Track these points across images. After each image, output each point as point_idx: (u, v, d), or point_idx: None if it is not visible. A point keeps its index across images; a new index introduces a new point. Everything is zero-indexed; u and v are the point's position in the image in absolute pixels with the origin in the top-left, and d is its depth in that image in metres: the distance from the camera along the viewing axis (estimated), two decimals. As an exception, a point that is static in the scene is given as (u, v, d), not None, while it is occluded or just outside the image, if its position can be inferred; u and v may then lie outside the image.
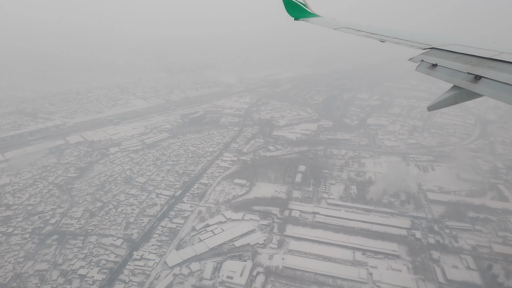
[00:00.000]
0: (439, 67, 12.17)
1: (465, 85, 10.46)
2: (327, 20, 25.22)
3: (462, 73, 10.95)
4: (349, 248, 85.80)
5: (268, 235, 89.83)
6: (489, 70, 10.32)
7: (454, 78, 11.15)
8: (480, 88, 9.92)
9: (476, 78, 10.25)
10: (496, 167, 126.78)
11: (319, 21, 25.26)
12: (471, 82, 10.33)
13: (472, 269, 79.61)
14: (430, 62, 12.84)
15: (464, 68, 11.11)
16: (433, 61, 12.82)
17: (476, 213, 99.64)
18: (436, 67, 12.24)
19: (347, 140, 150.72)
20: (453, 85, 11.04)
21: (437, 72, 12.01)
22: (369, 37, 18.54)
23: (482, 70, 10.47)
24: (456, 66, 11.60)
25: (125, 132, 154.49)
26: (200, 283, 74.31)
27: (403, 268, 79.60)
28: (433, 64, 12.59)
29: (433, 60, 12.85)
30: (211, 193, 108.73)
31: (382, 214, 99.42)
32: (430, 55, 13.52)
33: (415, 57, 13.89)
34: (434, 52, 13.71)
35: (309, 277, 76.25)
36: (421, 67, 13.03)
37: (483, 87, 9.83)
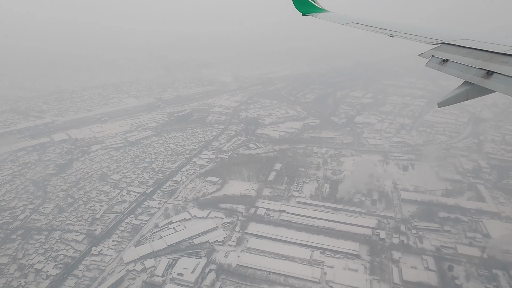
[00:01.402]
0: (449, 62, 11.92)
1: (476, 81, 10.20)
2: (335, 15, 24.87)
3: (474, 69, 10.68)
4: (309, 247, 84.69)
5: (230, 233, 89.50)
6: (502, 65, 10.05)
7: (465, 74, 10.90)
8: (492, 83, 9.67)
9: (488, 74, 9.99)
10: (479, 167, 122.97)
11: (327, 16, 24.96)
12: (483, 77, 10.06)
13: (431, 270, 77.49)
14: (441, 57, 12.57)
15: (475, 64, 10.87)
16: (443, 56, 12.55)
17: (448, 214, 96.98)
18: (447, 62, 12.00)
19: (330, 139, 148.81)
20: (464, 80, 10.81)
21: (448, 67, 11.80)
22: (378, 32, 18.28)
23: (494, 66, 10.21)
24: (467, 62, 11.34)
25: (110, 130, 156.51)
26: (151, 279, 74.65)
27: (360, 268, 78.12)
28: (443, 59, 12.32)
29: (443, 56, 12.59)
30: (181, 191, 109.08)
31: (350, 213, 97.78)
32: (440, 50, 13.22)
33: (425, 53, 13.57)
34: (445, 47, 13.40)
35: (261, 275, 75.63)
36: (431, 62, 12.75)
37: (495, 82, 9.59)
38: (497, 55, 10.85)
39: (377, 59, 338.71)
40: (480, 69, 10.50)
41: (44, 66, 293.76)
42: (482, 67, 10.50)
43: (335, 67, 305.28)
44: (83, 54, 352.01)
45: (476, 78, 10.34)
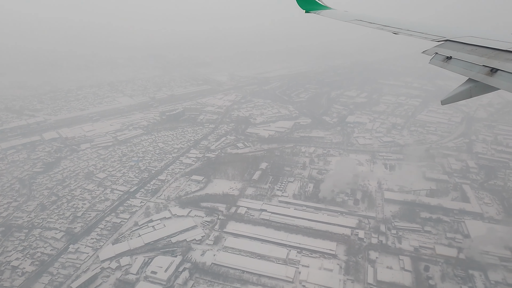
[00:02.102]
0: (453, 59, 11.89)
1: (480, 78, 10.16)
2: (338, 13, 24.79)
3: (478, 66, 10.64)
4: (286, 246, 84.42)
5: (208, 232, 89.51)
6: (506, 62, 10.01)
7: (469, 71, 10.83)
8: (496, 81, 9.66)
9: (492, 71, 9.97)
10: (467, 167, 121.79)
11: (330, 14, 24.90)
12: (487, 75, 10.04)
13: (407, 270, 76.86)
14: (445, 54, 12.55)
15: (479, 61, 10.83)
16: (447, 53, 12.53)
17: (430, 214, 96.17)
18: (451, 59, 11.98)
19: (320, 138, 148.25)
20: (468, 78, 10.75)
21: (452, 65, 11.77)
22: (382, 29, 18.31)
23: (498, 63, 10.17)
24: (471, 59, 11.29)
25: (101, 129, 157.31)
26: (125, 277, 74.87)
27: (335, 268, 77.67)
28: (447, 56, 12.29)
29: (447, 53, 12.56)
30: (165, 190, 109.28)
31: (332, 213, 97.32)
32: (444, 48, 13.24)
33: (429, 50, 13.64)
34: (449, 45, 13.37)
35: (234, 274, 75.53)
36: (435, 59, 12.74)
37: (500, 80, 9.56)
38: (502, 52, 10.78)
39: (376, 59, 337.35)
40: (484, 67, 10.44)
41: (43, 65, 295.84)
42: (486, 65, 10.44)
43: (333, 66, 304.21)
44: (82, 53, 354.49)
45: (480, 76, 10.28)
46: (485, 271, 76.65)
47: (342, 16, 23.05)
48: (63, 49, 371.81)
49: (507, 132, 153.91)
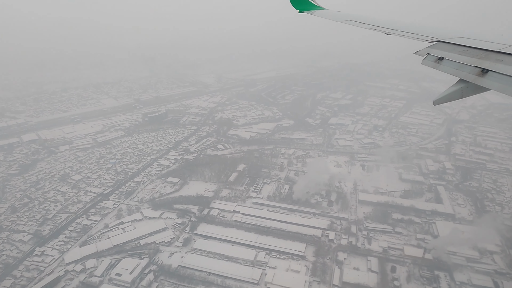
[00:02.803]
0: (445, 60, 12.03)
1: (471, 79, 10.26)
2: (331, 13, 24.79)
3: (469, 67, 10.75)
4: (255, 248, 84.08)
5: (179, 234, 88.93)
6: (497, 63, 10.11)
7: (460, 72, 10.94)
8: (487, 81, 9.73)
9: (483, 72, 10.06)
10: (444, 168, 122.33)
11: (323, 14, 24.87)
12: (478, 75, 10.13)
13: (374, 271, 76.78)
14: (436, 55, 12.70)
15: (470, 62, 10.95)
16: (439, 54, 12.67)
17: (402, 215, 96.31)
18: (442, 60, 12.12)
19: (301, 140, 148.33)
20: (459, 78, 10.86)
21: (443, 65, 11.89)
22: (375, 30, 18.23)
23: (489, 64, 10.29)
24: (462, 60, 11.42)
25: (81, 131, 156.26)
26: (89, 279, 74.06)
27: (302, 270, 77.40)
28: (439, 57, 12.42)
29: (439, 54, 12.70)
30: (140, 192, 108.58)
31: (304, 214, 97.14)
32: (436, 48, 13.38)
33: (421, 51, 13.72)
34: (440, 45, 13.53)
35: (199, 276, 75.01)
36: (427, 60, 12.84)
37: (490, 80, 9.63)
38: (492, 53, 10.90)
39: (365, 61, 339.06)
40: (475, 67, 10.54)
41: (31, 66, 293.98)
42: (477, 65, 10.55)
43: (321, 68, 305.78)
44: (71, 53, 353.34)
45: (471, 76, 10.37)
46: (451, 271, 76.76)
47: (335, 17, 23.21)
48: (52, 49, 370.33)
49: (487, 134, 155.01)
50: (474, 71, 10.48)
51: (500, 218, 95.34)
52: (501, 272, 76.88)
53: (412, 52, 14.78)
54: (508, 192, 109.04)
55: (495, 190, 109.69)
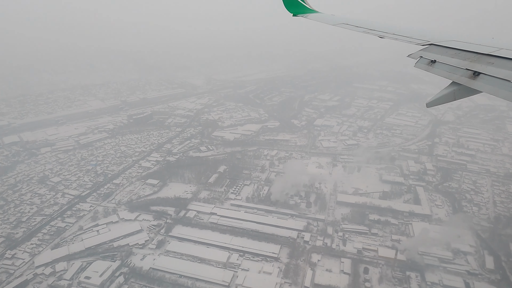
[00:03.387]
0: (437, 63, 12.17)
1: (463, 82, 10.39)
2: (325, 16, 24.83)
3: (461, 69, 10.91)
4: (229, 249, 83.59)
5: (153, 236, 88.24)
6: (488, 66, 10.30)
7: (452, 74, 11.09)
8: (479, 84, 9.85)
9: (475, 74, 10.20)
10: (425, 169, 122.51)
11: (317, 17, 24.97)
12: (470, 78, 10.27)
13: (346, 273, 76.52)
14: (429, 58, 12.84)
15: (462, 64, 11.13)
16: (431, 57, 12.81)
17: (379, 216, 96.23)
18: (435, 63, 12.24)
19: (285, 141, 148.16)
20: (452, 81, 10.97)
21: (436, 68, 12.01)
22: (368, 33, 18.31)
23: (480, 66, 10.45)
24: (454, 62, 11.62)
25: (65, 133, 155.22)
26: (57, 283, 73.18)
27: (274, 271, 76.97)
28: (431, 60, 12.55)
29: (431, 57, 12.86)
30: (118, 193, 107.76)
31: (282, 216, 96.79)
32: (428, 51, 13.52)
33: (413, 54, 13.80)
34: (433, 48, 13.71)
35: (170, 278, 74.35)
36: (420, 63, 12.96)
37: (482, 83, 9.77)
38: (484, 56, 11.08)
39: (356, 63, 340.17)
40: (467, 70, 10.69)
41: (20, 68, 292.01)
42: (469, 68, 10.70)
43: (312, 70, 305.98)
44: (63, 55, 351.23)
45: (463, 79, 10.49)
46: (422, 272, 76.65)
47: (328, 20, 23.31)
48: (43, 50, 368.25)
49: (471, 135, 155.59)
50: (466, 73, 10.62)
51: (477, 219, 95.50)
52: (473, 273, 76.90)
53: (405, 54, 15.02)
54: (487, 193, 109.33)
55: (474, 191, 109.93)
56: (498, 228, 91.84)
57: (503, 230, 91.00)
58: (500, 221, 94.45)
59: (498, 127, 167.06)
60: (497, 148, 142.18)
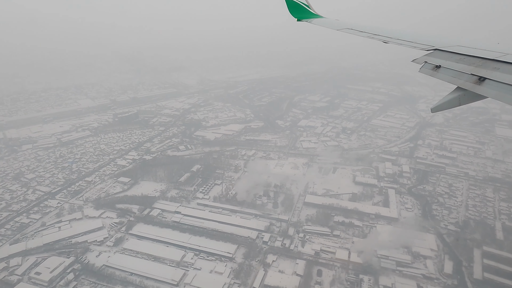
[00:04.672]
0: (442, 68, 12.20)
1: (468, 87, 10.37)
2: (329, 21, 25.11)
3: (466, 75, 10.92)
4: (186, 248, 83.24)
5: (114, 233, 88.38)
6: (493, 71, 10.28)
7: (457, 80, 11.10)
8: (484, 89, 9.83)
9: (480, 80, 10.18)
10: (401, 171, 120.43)
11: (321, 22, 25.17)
12: (475, 83, 10.24)
13: (298, 274, 75.38)
14: (434, 63, 12.88)
15: (467, 70, 11.12)
16: (436, 62, 12.84)
17: (345, 218, 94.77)
18: (440, 68, 12.28)
19: (265, 141, 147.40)
20: (456, 86, 10.99)
21: (441, 73, 12.03)
22: (372, 38, 18.45)
23: (486, 72, 10.44)
24: (459, 68, 11.60)
25: (49, 130, 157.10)
26: (8, 278, 73.67)
27: (226, 271, 76.30)
28: (436, 65, 12.59)
29: (436, 62, 12.89)
30: (88, 191, 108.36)
31: (246, 216, 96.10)
32: (433, 57, 13.57)
33: (418, 59, 13.86)
34: (438, 54, 13.74)
35: (119, 276, 74.29)
36: (425, 68, 12.99)
37: (487, 88, 9.76)
38: (489, 61, 11.02)
39: (355, 64, 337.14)
40: (472, 75, 10.65)
41: (19, 66, 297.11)
42: (474, 73, 10.65)
43: (307, 71, 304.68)
44: (61, 53, 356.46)
45: (468, 84, 10.45)
46: (377, 275, 75.11)
47: (333, 25, 23.38)
48: (44, 48, 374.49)
49: (456, 137, 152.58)
50: (471, 79, 10.53)
51: (445, 223, 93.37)
52: (429, 277, 75.10)
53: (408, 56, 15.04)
54: (461, 196, 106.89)
55: (448, 194, 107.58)
56: (465, 232, 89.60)
57: (470, 235, 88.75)
58: (468, 225, 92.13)
59: (486, 130, 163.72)
60: (481, 151, 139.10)
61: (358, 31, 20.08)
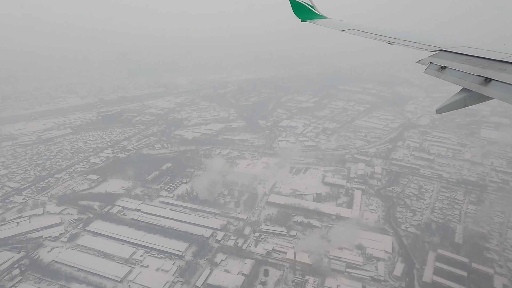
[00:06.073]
0: (448, 69, 12.21)
1: (474, 88, 10.36)
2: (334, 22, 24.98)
3: (472, 76, 10.86)
4: (138, 246, 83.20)
5: (71, 230, 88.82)
6: (499, 72, 10.25)
7: (463, 81, 11.08)
8: (490, 90, 9.84)
9: (486, 81, 10.18)
10: (373, 172, 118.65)
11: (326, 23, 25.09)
12: (481, 84, 10.23)
13: (244, 274, 74.64)
14: (439, 64, 12.87)
15: (473, 71, 11.07)
16: (441, 63, 12.83)
17: (305, 218, 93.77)
18: (445, 69, 12.29)
19: (243, 141, 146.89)
20: (462, 87, 11.04)
21: (446, 74, 12.02)
22: (377, 39, 18.46)
23: (492, 73, 10.41)
24: (465, 69, 11.56)
25: (31, 128, 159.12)
26: (-44, 271, 74.50)
27: (172, 269, 75.99)
28: (441, 66, 12.60)
29: (441, 63, 12.86)
30: (55, 187, 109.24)
31: (205, 214, 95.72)
32: (438, 57, 13.53)
33: (423, 59, 13.84)
34: (443, 54, 13.68)
35: (65, 271, 74.55)
36: (430, 69, 12.98)
37: (493, 89, 9.77)
38: (495, 62, 10.96)
39: (351, 65, 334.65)
40: (478, 76, 10.60)
41: (17, 64, 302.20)
42: (480, 74, 10.60)
43: (301, 72, 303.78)
44: (61, 52, 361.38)
45: (474, 85, 10.40)
46: (324, 277, 73.93)
47: (337, 26, 23.23)
48: (46, 46, 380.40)
49: (438, 139, 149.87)
50: (477, 80, 10.42)
51: (406, 225, 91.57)
52: (377, 279, 73.67)
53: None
54: (429, 199, 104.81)
55: (416, 196, 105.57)
56: (425, 235, 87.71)
57: (429, 238, 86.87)
58: (429, 228, 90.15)
59: (471, 132, 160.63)
60: (461, 153, 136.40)
61: (363, 31, 19.90)
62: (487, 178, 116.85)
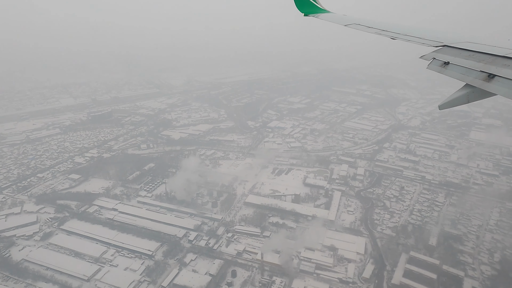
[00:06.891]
0: (451, 65, 12.26)
1: (478, 84, 10.39)
2: (337, 16, 24.80)
3: (475, 72, 10.85)
4: (110, 245, 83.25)
5: (45, 228, 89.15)
6: (503, 68, 10.25)
7: (466, 77, 11.12)
8: (494, 87, 9.86)
9: (490, 77, 10.21)
10: (355, 174, 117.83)
11: (329, 17, 24.92)
12: (484, 80, 10.26)
13: (211, 274, 74.34)
14: (442, 60, 12.90)
15: (477, 66, 11.06)
16: (445, 59, 12.85)
17: (281, 219, 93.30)
18: (448, 65, 12.34)
19: (229, 142, 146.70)
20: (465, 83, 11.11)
21: (449, 70, 12.04)
22: (380, 34, 18.38)
23: (495, 69, 10.43)
24: (468, 64, 11.56)
25: (21, 128, 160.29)
26: None
27: (140, 269, 75.93)
28: (445, 62, 12.64)
29: (445, 58, 12.90)
30: (36, 187, 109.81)
31: (181, 214, 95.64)
32: (442, 53, 13.53)
33: (426, 55, 13.85)
34: (446, 50, 13.70)
35: (33, 270, 74.81)
36: (433, 65, 12.99)
37: (497, 86, 9.77)
38: (499, 58, 10.91)
39: (348, 67, 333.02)
40: (481, 72, 10.54)
41: (16, 65, 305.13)
42: (484, 70, 10.54)
43: (297, 73, 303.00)
44: (60, 53, 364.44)
45: (478, 81, 10.37)
46: (292, 278, 73.37)
47: (340, 20, 23.05)
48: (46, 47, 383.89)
49: (426, 141, 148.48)
50: (480, 76, 10.32)
51: (382, 227, 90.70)
52: (346, 281, 72.98)
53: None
54: (409, 200, 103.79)
55: (396, 198, 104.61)
56: (400, 237, 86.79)
57: (404, 240, 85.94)
58: (405, 230, 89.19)
59: (461, 134, 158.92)
60: (447, 155, 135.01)
61: (366, 26, 19.60)
62: (471, 180, 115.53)
